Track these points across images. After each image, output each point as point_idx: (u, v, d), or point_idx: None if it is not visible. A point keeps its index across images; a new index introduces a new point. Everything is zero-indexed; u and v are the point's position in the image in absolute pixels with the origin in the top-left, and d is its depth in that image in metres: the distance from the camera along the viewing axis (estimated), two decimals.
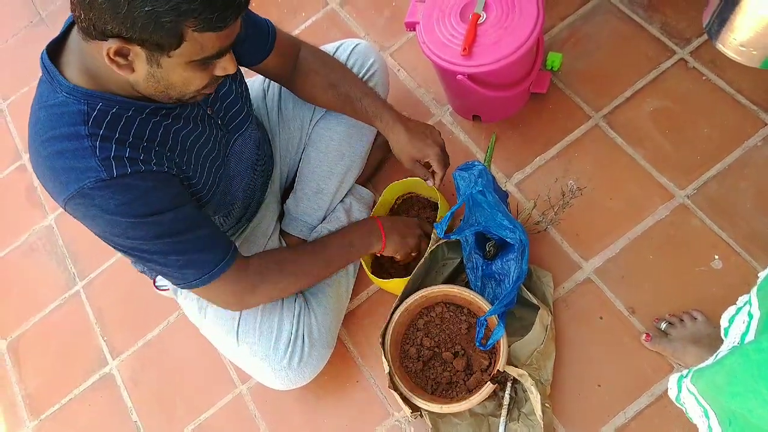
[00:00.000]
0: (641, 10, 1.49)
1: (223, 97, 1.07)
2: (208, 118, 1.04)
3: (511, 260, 1.13)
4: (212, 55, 0.82)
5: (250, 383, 1.39)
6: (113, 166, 0.85)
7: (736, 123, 1.32)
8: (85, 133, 0.85)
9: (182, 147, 0.97)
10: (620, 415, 1.15)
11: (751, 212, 1.24)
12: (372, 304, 1.39)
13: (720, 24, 1.13)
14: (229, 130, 1.10)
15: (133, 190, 0.88)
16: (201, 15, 0.74)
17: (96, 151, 0.85)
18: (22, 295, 1.68)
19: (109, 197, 0.86)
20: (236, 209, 1.24)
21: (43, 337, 1.61)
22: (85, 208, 0.88)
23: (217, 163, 1.08)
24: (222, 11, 0.76)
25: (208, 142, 1.04)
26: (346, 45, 1.33)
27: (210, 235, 0.99)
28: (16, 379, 1.57)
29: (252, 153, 1.21)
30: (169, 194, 0.92)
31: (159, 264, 0.97)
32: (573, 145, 1.40)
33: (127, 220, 0.89)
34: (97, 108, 0.86)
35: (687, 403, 0.94)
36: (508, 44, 1.19)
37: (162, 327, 1.52)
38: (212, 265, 0.98)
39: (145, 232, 0.91)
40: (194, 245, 0.96)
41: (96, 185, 0.85)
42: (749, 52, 1.07)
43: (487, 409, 1.18)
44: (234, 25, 0.81)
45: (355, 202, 1.40)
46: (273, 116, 1.36)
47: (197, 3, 0.73)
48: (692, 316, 1.16)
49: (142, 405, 1.45)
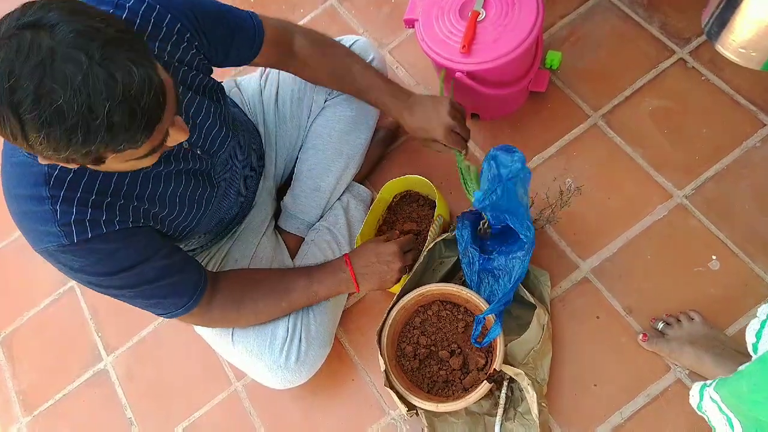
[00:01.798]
0: (641, 10, 1.49)
1: (200, 124, 1.01)
2: (184, 153, 0.99)
3: (517, 258, 1.12)
4: (145, 154, 0.76)
5: (245, 380, 1.39)
6: (73, 232, 0.84)
7: (735, 123, 1.32)
8: (46, 194, 0.83)
9: (154, 190, 0.95)
10: (616, 415, 1.15)
11: (749, 213, 1.24)
12: (369, 302, 1.39)
13: (719, 26, 1.13)
14: (211, 155, 1.06)
15: (96, 253, 0.88)
16: (109, 146, 0.68)
17: (56, 215, 0.83)
18: (17, 290, 1.67)
19: (73, 260, 0.87)
20: (229, 216, 1.23)
21: (38, 333, 1.60)
22: (54, 263, 0.90)
23: (204, 192, 1.06)
24: (128, 140, 0.69)
25: (186, 177, 1.01)
26: (344, 41, 1.32)
27: (177, 282, 1.01)
28: (9, 375, 1.57)
29: (238, 165, 1.19)
30: (134, 251, 0.92)
31: (127, 302, 1.00)
32: (571, 144, 1.40)
33: (92, 278, 0.91)
34: (59, 168, 0.83)
35: (709, 412, 0.95)
36: (507, 42, 1.18)
37: (157, 323, 1.51)
38: (176, 306, 1.03)
39: (110, 284, 0.93)
40: (160, 292, 0.99)
41: (58, 249, 0.85)
42: (748, 54, 1.07)
43: (483, 408, 1.18)
44: (159, 127, 0.72)
45: (352, 199, 1.39)
46: (269, 113, 1.35)
47: (98, 142, 0.67)
48: (689, 316, 1.16)
49: (137, 401, 1.45)
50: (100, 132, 0.66)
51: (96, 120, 0.65)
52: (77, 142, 0.65)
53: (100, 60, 0.64)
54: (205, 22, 0.99)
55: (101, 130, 0.66)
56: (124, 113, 0.66)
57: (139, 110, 0.67)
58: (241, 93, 1.35)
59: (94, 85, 0.64)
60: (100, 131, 0.66)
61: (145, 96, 0.67)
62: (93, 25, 0.65)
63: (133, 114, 0.67)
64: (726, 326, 1.16)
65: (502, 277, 1.15)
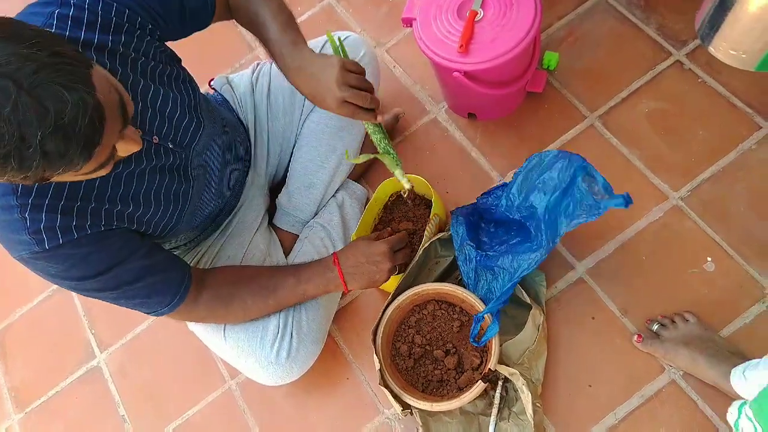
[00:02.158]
0: (638, 11, 1.49)
1: (169, 116, 0.99)
2: (155, 147, 0.98)
3: (524, 260, 1.10)
4: (93, 170, 0.74)
5: (239, 378, 1.38)
6: (45, 239, 0.84)
7: (731, 125, 1.32)
8: (15, 203, 0.82)
9: (126, 190, 0.93)
10: (610, 416, 1.15)
11: (744, 215, 1.24)
12: (364, 301, 1.38)
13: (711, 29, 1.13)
14: (183, 148, 1.04)
15: (70, 259, 0.87)
16: (47, 172, 0.67)
17: (26, 223, 0.83)
18: (10, 286, 1.66)
19: (48, 266, 0.87)
20: (212, 211, 1.22)
21: (31, 329, 1.59)
22: (33, 269, 0.90)
23: (180, 187, 1.05)
24: (66, 165, 0.68)
25: (160, 173, 1.00)
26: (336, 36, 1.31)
27: (159, 281, 1.00)
28: (2, 371, 1.56)
29: (217, 155, 1.17)
30: (108, 254, 0.91)
31: (112, 303, 1.00)
32: (568, 145, 1.40)
33: (71, 282, 0.91)
34: None
35: (745, 429, 0.95)
36: (505, 42, 1.18)
37: (151, 320, 1.50)
38: (161, 305, 1.03)
39: (90, 287, 0.93)
40: (142, 293, 0.99)
41: (31, 257, 0.85)
42: (740, 56, 1.07)
43: (478, 408, 1.18)
44: (99, 150, 0.70)
45: (347, 197, 1.39)
46: (261, 110, 1.34)
47: (33, 170, 0.65)
48: (684, 317, 1.16)
49: (130, 399, 1.44)
50: (34, 159, 0.64)
51: (29, 149, 0.64)
52: (13, 170, 0.65)
53: (30, 88, 0.62)
54: (168, 16, 0.99)
55: (36, 158, 0.64)
56: (58, 141, 0.65)
57: (74, 136, 0.66)
58: (232, 90, 1.34)
59: (24, 115, 0.62)
60: (35, 159, 0.64)
61: (79, 121, 0.66)
62: (21, 52, 0.63)
63: (68, 140, 0.65)
64: (721, 328, 1.16)
65: (502, 275, 1.14)
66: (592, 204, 1.01)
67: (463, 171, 1.44)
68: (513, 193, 1.15)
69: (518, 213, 1.14)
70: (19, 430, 1.48)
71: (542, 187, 1.10)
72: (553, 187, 1.08)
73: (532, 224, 1.12)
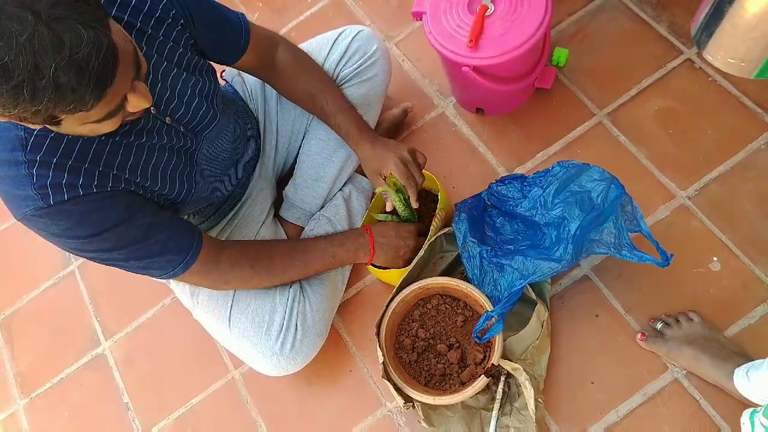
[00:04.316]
0: (649, 9, 1.48)
1: (188, 102, 1.02)
2: (167, 128, 0.99)
3: (541, 266, 1.08)
4: (102, 117, 0.76)
5: (242, 369, 1.39)
6: (50, 195, 0.84)
7: (741, 125, 1.31)
8: (23, 159, 0.83)
9: (135, 161, 0.94)
10: (612, 413, 1.15)
11: (752, 215, 1.24)
12: (368, 294, 1.39)
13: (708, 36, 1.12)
14: (195, 134, 1.06)
15: (74, 216, 0.87)
16: (58, 107, 0.68)
17: (33, 179, 0.83)
18: (18, 272, 1.67)
19: (51, 223, 0.87)
20: (217, 200, 1.23)
21: (37, 316, 1.60)
22: (36, 230, 0.90)
23: (186, 171, 1.06)
24: (77, 102, 0.69)
25: (170, 153, 1.01)
26: (348, 32, 1.32)
27: (168, 238, 0.99)
28: (8, 357, 1.57)
29: (228, 148, 1.19)
30: (114, 212, 0.91)
31: (123, 268, 1.00)
32: (576, 142, 1.39)
33: (75, 241, 0.91)
34: (35, 133, 0.83)
35: None
36: (514, 38, 1.18)
37: (156, 309, 1.51)
38: (174, 264, 1.02)
39: (97, 246, 0.92)
40: (152, 250, 0.98)
41: (36, 213, 0.85)
42: (739, 64, 1.06)
43: (480, 403, 1.18)
44: (111, 90, 0.72)
45: (354, 191, 1.39)
46: (271, 103, 1.35)
47: (45, 103, 0.66)
48: (688, 317, 1.16)
49: (134, 386, 1.45)
50: (46, 91, 0.65)
51: (42, 79, 0.65)
52: (24, 101, 0.65)
53: (48, 20, 0.64)
54: (198, 14, 1.01)
55: (48, 90, 0.65)
56: (72, 74, 0.66)
57: (88, 72, 0.67)
58: (243, 81, 1.35)
59: (40, 44, 0.63)
60: (47, 90, 0.65)
61: (93, 58, 0.67)
62: None
63: (81, 75, 0.67)
64: (725, 328, 1.15)
65: (510, 272, 1.13)
66: (626, 246, 1.06)
67: (470, 166, 1.44)
68: (543, 197, 1.14)
69: (542, 218, 1.13)
70: (24, 415, 1.49)
71: (578, 202, 1.09)
72: (591, 207, 1.07)
73: (552, 232, 1.11)
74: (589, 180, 1.10)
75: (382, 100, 1.38)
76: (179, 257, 1.01)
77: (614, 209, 1.07)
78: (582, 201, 1.08)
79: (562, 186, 1.12)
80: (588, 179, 1.10)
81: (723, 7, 1.02)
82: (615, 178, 1.09)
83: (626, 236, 1.06)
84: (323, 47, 1.30)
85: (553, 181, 1.14)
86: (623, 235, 1.06)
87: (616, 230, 1.07)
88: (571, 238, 1.06)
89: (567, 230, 1.08)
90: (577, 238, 1.06)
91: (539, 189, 1.15)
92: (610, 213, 1.07)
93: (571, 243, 1.06)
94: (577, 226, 1.06)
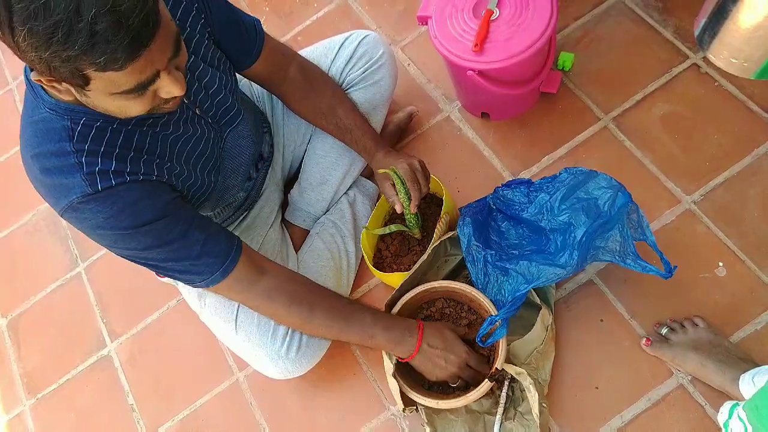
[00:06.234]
0: (656, 13, 1.48)
1: (213, 94, 1.04)
2: (197, 119, 1.02)
3: (545, 272, 1.08)
4: (131, 88, 0.75)
5: (247, 371, 1.39)
6: (98, 180, 0.86)
7: (747, 130, 1.31)
8: (71, 149, 0.84)
9: (171, 152, 0.97)
10: (617, 419, 1.15)
11: (758, 220, 1.23)
12: (372, 298, 1.39)
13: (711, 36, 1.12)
14: (221, 127, 1.08)
15: (119, 202, 0.88)
16: (89, 59, 0.68)
17: (82, 167, 0.85)
18: (24, 274, 1.69)
19: (97, 211, 0.87)
20: (236, 201, 1.24)
21: (43, 317, 1.61)
22: (79, 222, 0.90)
23: (211, 163, 1.07)
24: (109, 55, 0.68)
25: (198, 144, 1.03)
26: (354, 36, 1.32)
27: (206, 240, 0.97)
28: (14, 358, 1.58)
29: (248, 145, 1.20)
30: (158, 203, 0.92)
31: (160, 269, 1.00)
32: (581, 146, 1.39)
33: (117, 233, 0.90)
34: (81, 123, 0.85)
35: (734, 430, 0.95)
36: (520, 42, 1.18)
37: (162, 311, 1.52)
38: (213, 268, 0.99)
39: (137, 242, 0.92)
40: (191, 250, 0.96)
41: (83, 200, 0.86)
42: (740, 64, 1.06)
43: (484, 407, 1.18)
44: (146, 54, 0.72)
45: (359, 194, 1.40)
46: (279, 106, 1.36)
47: (77, 49, 0.67)
48: (694, 322, 1.15)
49: (139, 388, 1.46)
50: (81, 35, 0.66)
51: (80, 23, 0.65)
52: (58, 42, 0.66)
53: None
54: (215, 8, 1.02)
55: (83, 34, 0.66)
56: (109, 23, 0.66)
57: (125, 25, 0.67)
58: (250, 85, 1.36)
59: None
60: (82, 34, 0.66)
61: (135, 15, 0.68)
62: None
63: (118, 27, 0.67)
64: (731, 333, 1.15)
65: (515, 277, 1.13)
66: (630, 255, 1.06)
67: (475, 170, 1.44)
68: (550, 202, 1.14)
69: (548, 223, 1.13)
70: (30, 415, 1.50)
71: (585, 209, 1.08)
72: (597, 215, 1.07)
73: (557, 238, 1.11)
74: (597, 187, 1.10)
75: (388, 104, 1.38)
76: (218, 260, 0.99)
77: (620, 217, 1.07)
78: (589, 208, 1.08)
79: (569, 192, 1.12)
80: (595, 186, 1.10)
81: (727, 6, 1.02)
82: (622, 186, 1.09)
83: (631, 245, 1.06)
84: (329, 51, 1.30)
85: (560, 187, 1.14)
86: (628, 243, 1.07)
87: (621, 238, 1.07)
88: (576, 245, 1.06)
89: (573, 236, 1.08)
90: (582, 244, 1.06)
91: (546, 194, 1.15)
92: (616, 221, 1.07)
93: (577, 249, 1.06)
94: (583, 232, 1.06)
